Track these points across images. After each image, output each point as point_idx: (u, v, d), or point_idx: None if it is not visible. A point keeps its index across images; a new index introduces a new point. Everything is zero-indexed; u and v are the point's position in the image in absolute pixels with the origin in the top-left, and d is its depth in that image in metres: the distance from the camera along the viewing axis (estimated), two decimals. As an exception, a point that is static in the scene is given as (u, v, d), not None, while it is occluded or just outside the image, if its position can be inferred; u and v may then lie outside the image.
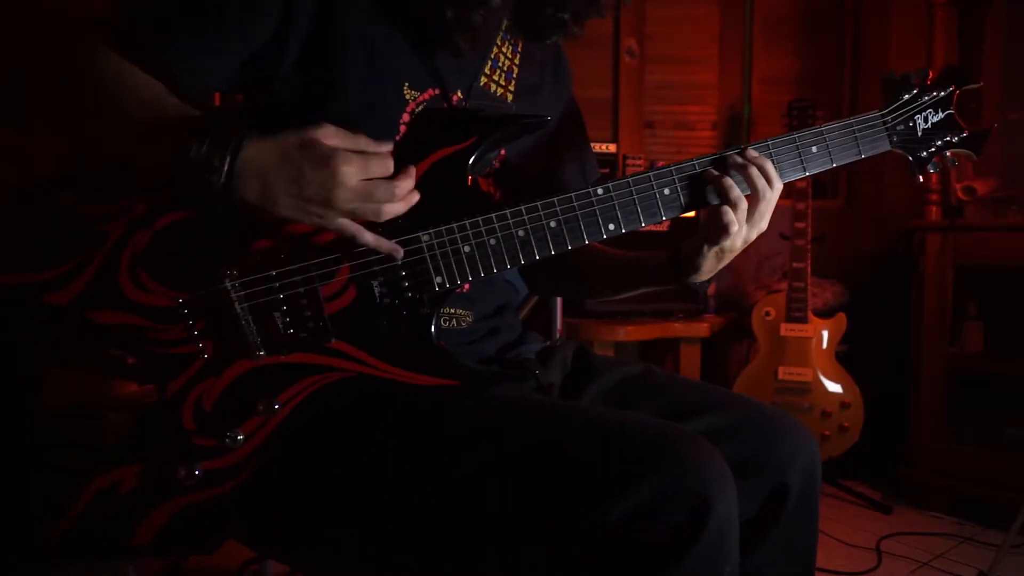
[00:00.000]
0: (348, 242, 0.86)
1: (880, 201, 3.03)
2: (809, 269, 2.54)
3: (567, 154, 1.18)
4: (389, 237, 0.87)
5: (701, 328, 2.68)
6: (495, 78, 1.04)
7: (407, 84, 0.95)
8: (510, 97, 1.07)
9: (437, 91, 0.98)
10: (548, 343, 1.12)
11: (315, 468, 0.87)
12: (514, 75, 1.07)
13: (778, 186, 0.97)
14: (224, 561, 1.87)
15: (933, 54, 2.48)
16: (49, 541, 0.84)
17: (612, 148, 2.72)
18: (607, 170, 2.64)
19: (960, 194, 2.49)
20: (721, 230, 0.96)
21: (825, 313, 2.61)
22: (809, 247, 2.54)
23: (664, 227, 2.63)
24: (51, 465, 0.86)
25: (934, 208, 2.51)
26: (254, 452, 0.86)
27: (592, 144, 2.69)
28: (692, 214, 1.01)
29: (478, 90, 1.02)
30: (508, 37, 1.07)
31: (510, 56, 1.07)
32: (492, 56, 1.04)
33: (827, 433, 2.49)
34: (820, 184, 3.04)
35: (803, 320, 2.54)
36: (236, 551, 1.04)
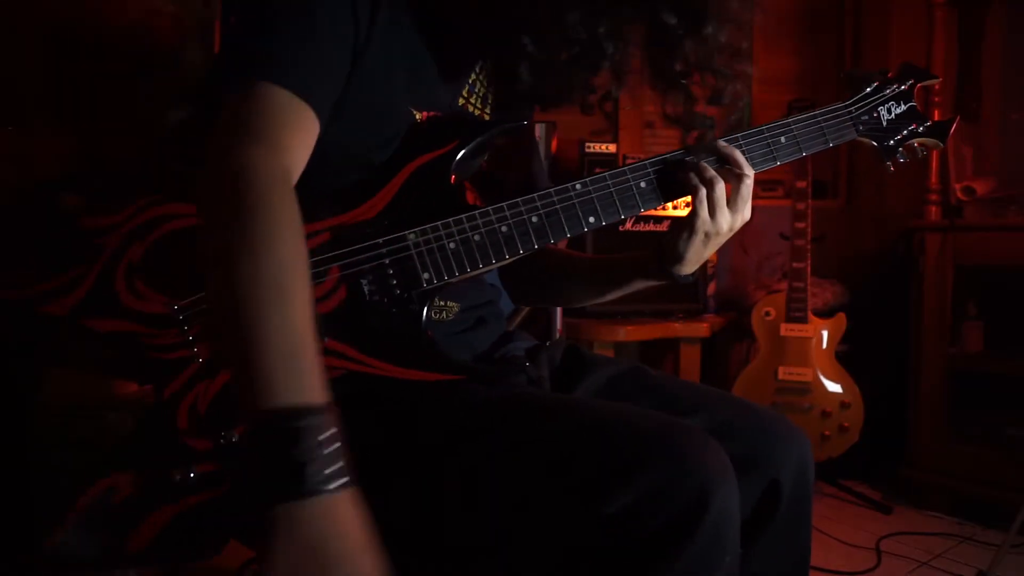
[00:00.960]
0: (338, 243, 0.88)
1: (880, 201, 3.03)
2: (809, 269, 2.54)
3: (534, 159, 1.21)
4: (377, 236, 0.89)
5: (701, 328, 2.68)
6: (471, 100, 1.06)
7: (411, 104, 0.96)
8: (486, 117, 1.09)
9: (432, 112, 0.98)
10: (539, 342, 1.13)
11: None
12: (489, 100, 1.10)
13: (749, 173, 1.01)
14: (224, 561, 1.86)
15: (933, 54, 2.47)
16: (45, 552, 0.84)
17: (612, 148, 2.71)
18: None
19: (960, 194, 2.49)
20: (699, 212, 0.98)
21: (825, 313, 2.61)
22: (809, 247, 2.54)
23: (664, 227, 2.63)
24: (49, 470, 0.86)
25: (934, 208, 2.51)
26: None
27: (592, 144, 2.68)
28: (685, 213, 1.01)
29: (458, 110, 1.04)
30: (479, 71, 1.08)
31: (485, 84, 1.09)
32: (469, 81, 1.06)
33: (827, 433, 2.48)
34: (820, 184, 3.03)
35: (803, 320, 2.53)
36: (236, 551, 1.04)
